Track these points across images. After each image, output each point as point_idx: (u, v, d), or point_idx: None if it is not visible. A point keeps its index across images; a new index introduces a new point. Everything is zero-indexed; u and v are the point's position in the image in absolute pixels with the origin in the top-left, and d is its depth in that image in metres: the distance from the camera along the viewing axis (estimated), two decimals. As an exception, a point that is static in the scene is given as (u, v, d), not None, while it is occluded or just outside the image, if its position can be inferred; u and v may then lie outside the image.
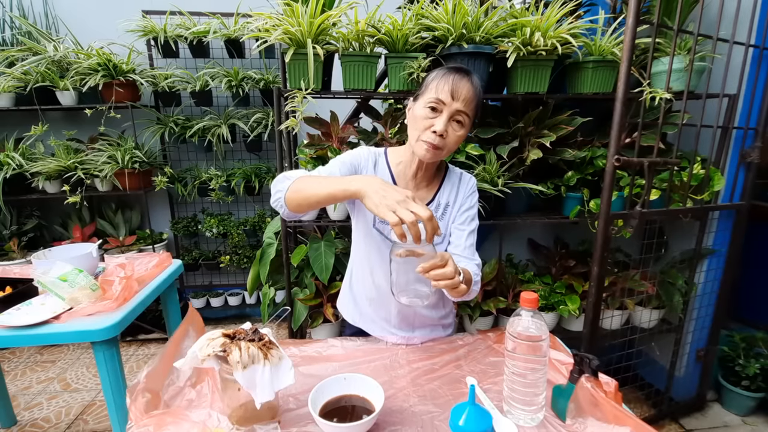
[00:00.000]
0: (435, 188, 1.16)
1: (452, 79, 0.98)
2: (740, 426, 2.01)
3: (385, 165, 1.16)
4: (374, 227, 1.15)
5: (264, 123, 2.66)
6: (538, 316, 0.83)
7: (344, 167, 1.11)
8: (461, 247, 1.14)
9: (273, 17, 1.52)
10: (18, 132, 2.64)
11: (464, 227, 1.15)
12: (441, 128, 0.98)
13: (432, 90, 0.99)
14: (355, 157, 1.14)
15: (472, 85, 0.99)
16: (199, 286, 3.18)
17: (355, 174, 1.12)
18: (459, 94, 0.98)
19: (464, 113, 1.00)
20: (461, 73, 1.00)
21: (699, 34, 1.53)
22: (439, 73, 1.01)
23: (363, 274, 1.23)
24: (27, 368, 2.53)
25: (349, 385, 0.91)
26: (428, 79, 1.03)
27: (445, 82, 0.98)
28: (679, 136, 1.62)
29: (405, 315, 1.21)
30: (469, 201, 1.17)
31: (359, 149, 1.17)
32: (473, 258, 1.14)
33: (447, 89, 0.98)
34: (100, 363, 1.33)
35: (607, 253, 1.56)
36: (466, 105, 0.99)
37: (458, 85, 0.98)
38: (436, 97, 0.98)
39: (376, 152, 1.17)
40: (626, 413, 0.79)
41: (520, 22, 1.57)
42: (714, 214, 1.90)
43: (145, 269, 1.66)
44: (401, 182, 1.14)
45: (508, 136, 1.78)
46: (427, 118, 1.00)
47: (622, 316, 1.97)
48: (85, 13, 2.67)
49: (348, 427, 0.79)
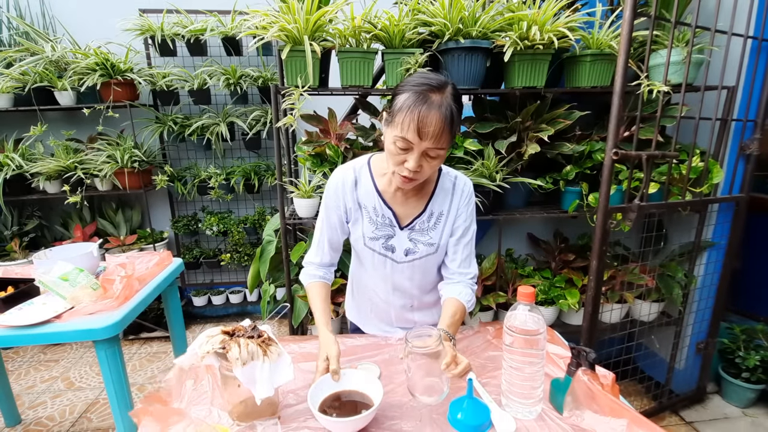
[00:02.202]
0: (426, 197, 1.09)
1: (418, 113, 0.85)
2: (740, 418, 2.02)
3: (368, 178, 1.09)
4: (365, 245, 1.12)
5: (263, 121, 2.66)
6: (535, 310, 0.83)
7: (329, 210, 1.11)
8: (456, 263, 1.12)
9: (269, 14, 1.52)
10: (17, 132, 2.64)
11: (461, 240, 1.11)
12: (413, 166, 0.91)
13: (398, 126, 0.88)
14: (332, 193, 1.10)
15: (441, 115, 0.86)
16: (200, 284, 3.19)
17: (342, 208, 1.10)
18: (426, 133, 0.86)
19: (435, 149, 0.90)
20: (429, 102, 0.86)
21: (697, 26, 1.52)
22: (405, 101, 0.88)
23: (361, 279, 1.24)
24: (31, 367, 2.55)
25: (349, 380, 0.92)
26: (395, 106, 0.90)
27: (410, 119, 0.86)
28: (678, 128, 1.62)
29: (405, 319, 1.23)
30: (465, 210, 1.10)
31: (336, 174, 1.10)
32: (468, 271, 1.12)
33: (413, 128, 0.86)
34: (103, 361, 1.34)
35: (606, 246, 1.57)
36: (436, 141, 0.88)
37: (425, 121, 0.86)
38: (403, 137, 0.88)
39: (357, 167, 1.10)
40: (623, 405, 0.80)
41: (517, 16, 1.56)
42: (713, 206, 1.90)
43: (145, 268, 1.67)
44: (387, 195, 1.08)
45: (506, 131, 1.78)
46: (397, 154, 0.92)
47: (622, 309, 1.98)
48: (82, 12, 2.66)
49: (347, 422, 0.79)
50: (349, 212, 1.11)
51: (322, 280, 1.15)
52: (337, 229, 1.13)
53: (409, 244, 1.10)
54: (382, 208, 1.08)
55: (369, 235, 1.10)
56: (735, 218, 1.89)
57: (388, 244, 1.10)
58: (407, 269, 1.13)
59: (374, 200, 1.08)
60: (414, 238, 1.10)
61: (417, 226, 1.10)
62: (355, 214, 1.10)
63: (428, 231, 1.10)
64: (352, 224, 1.12)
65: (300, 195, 1.69)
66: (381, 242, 1.10)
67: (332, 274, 1.21)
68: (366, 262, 1.16)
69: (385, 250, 1.11)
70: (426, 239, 1.10)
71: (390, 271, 1.14)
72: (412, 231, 1.10)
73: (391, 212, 1.09)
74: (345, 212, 1.11)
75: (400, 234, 1.10)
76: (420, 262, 1.12)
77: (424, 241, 1.10)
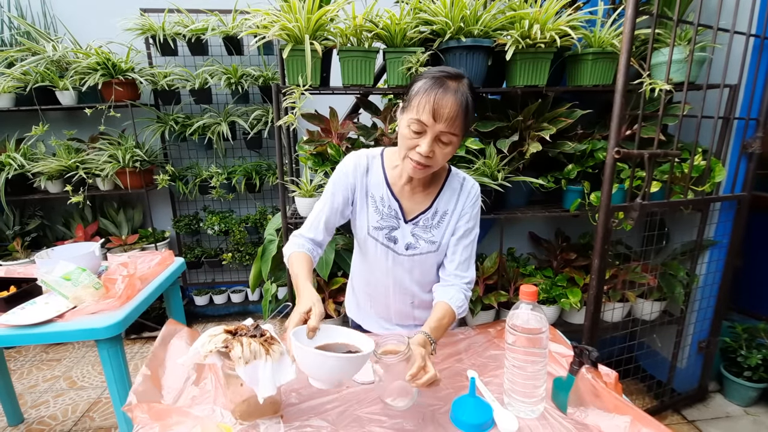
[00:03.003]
0: (433, 194, 1.11)
1: (434, 96, 0.89)
2: (742, 416, 2.02)
3: (380, 168, 1.11)
4: (368, 234, 1.13)
5: (264, 120, 2.66)
6: (537, 308, 0.83)
7: (337, 189, 1.11)
8: (454, 264, 1.11)
9: (270, 13, 1.52)
10: (19, 132, 2.65)
11: (461, 241, 1.11)
12: (425, 150, 0.92)
13: (414, 108, 0.91)
14: (343, 173, 1.11)
15: (457, 100, 0.89)
16: (201, 283, 3.20)
17: (350, 190, 1.11)
18: (441, 115, 0.89)
19: (449, 133, 0.92)
20: (445, 86, 0.90)
21: (699, 24, 1.51)
22: (422, 86, 0.92)
23: (362, 273, 1.24)
24: (33, 367, 2.56)
25: (333, 334, 0.89)
26: (412, 91, 0.94)
27: (426, 101, 0.89)
28: (680, 127, 1.61)
29: (403, 314, 1.23)
30: (470, 211, 1.11)
31: (350, 157, 1.12)
32: (465, 274, 1.11)
33: (428, 109, 0.89)
34: (105, 360, 1.34)
35: (608, 245, 1.56)
36: (450, 125, 0.90)
37: (440, 103, 0.88)
38: (417, 118, 0.91)
39: (371, 155, 1.12)
40: (627, 403, 0.80)
41: (518, 15, 1.56)
42: (715, 205, 1.90)
43: (147, 267, 1.67)
44: (396, 187, 1.10)
45: (508, 130, 1.78)
46: (411, 138, 0.94)
47: (624, 308, 1.98)
48: (83, 12, 2.66)
49: (352, 358, 0.77)
50: (356, 197, 1.12)
51: (309, 253, 1.12)
52: (338, 212, 1.13)
53: (411, 238, 1.11)
54: (390, 200, 1.10)
55: (374, 224, 1.12)
56: (737, 217, 1.89)
57: (391, 236, 1.12)
58: (407, 263, 1.14)
59: (383, 190, 1.10)
60: (416, 234, 1.11)
61: (421, 222, 1.11)
62: (361, 201, 1.12)
63: (431, 229, 1.11)
64: (356, 211, 1.13)
65: (301, 194, 1.69)
66: (384, 233, 1.12)
67: (318, 255, 1.16)
68: (368, 252, 1.16)
69: (387, 240, 1.12)
70: (428, 236, 1.11)
71: (391, 264, 1.14)
72: (416, 226, 1.11)
73: (398, 204, 1.10)
74: (352, 194, 1.12)
75: (404, 227, 1.11)
76: (420, 258, 1.13)
77: (426, 238, 1.11)
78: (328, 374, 0.80)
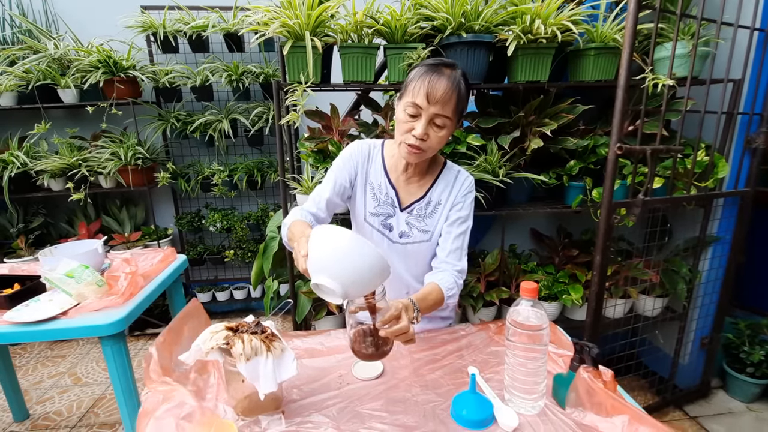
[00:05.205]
0: (428, 184, 1.15)
1: (428, 80, 0.94)
2: (745, 413, 2.02)
3: (379, 157, 1.17)
4: (365, 220, 1.18)
5: (265, 117, 2.66)
6: (538, 305, 0.83)
7: (340, 171, 1.15)
8: (446, 252, 1.13)
9: (271, 10, 1.51)
10: (21, 130, 2.66)
11: (452, 229, 1.13)
12: (420, 132, 0.97)
13: (409, 93, 0.97)
14: (347, 157, 1.16)
15: (451, 84, 0.95)
16: (204, 280, 3.21)
17: (352, 173, 1.15)
18: (435, 97, 0.94)
19: (442, 116, 0.97)
20: (439, 72, 0.96)
21: (702, 18, 1.50)
22: (418, 72, 0.98)
23: None
24: (38, 363, 2.58)
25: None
26: (408, 78, 1.00)
27: (421, 84, 0.95)
28: (683, 122, 1.60)
29: None
30: (462, 201, 1.14)
31: (354, 144, 1.18)
32: (457, 263, 1.13)
33: (423, 92, 0.94)
34: (109, 357, 1.35)
35: (610, 242, 1.56)
36: (443, 107, 0.96)
37: (434, 87, 0.94)
38: (413, 101, 0.96)
39: (373, 144, 1.19)
40: (624, 402, 0.80)
41: (520, 10, 1.55)
42: (718, 201, 1.89)
43: (150, 264, 1.68)
44: (393, 175, 1.15)
45: (509, 126, 1.77)
46: (406, 122, 0.99)
47: (626, 304, 1.97)
48: (84, 9, 2.66)
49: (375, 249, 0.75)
50: (357, 182, 1.16)
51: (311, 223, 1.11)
52: (339, 194, 1.15)
53: (405, 227, 1.15)
54: (387, 187, 1.15)
55: (370, 210, 1.16)
56: (740, 213, 1.88)
57: (387, 223, 1.16)
58: (402, 251, 1.17)
59: (381, 178, 1.15)
60: (410, 222, 1.15)
61: (415, 211, 1.15)
62: (361, 187, 1.17)
63: (424, 218, 1.15)
64: (356, 197, 1.17)
65: (303, 191, 1.69)
66: (380, 219, 1.16)
67: None
68: (365, 237, 1.17)
69: (383, 227, 1.16)
70: (421, 225, 1.15)
71: (387, 251, 1.18)
72: (410, 214, 1.15)
73: (395, 192, 1.15)
74: (354, 178, 1.16)
75: (399, 215, 1.16)
76: (413, 247, 1.16)
77: (419, 227, 1.15)
78: (352, 262, 0.74)
